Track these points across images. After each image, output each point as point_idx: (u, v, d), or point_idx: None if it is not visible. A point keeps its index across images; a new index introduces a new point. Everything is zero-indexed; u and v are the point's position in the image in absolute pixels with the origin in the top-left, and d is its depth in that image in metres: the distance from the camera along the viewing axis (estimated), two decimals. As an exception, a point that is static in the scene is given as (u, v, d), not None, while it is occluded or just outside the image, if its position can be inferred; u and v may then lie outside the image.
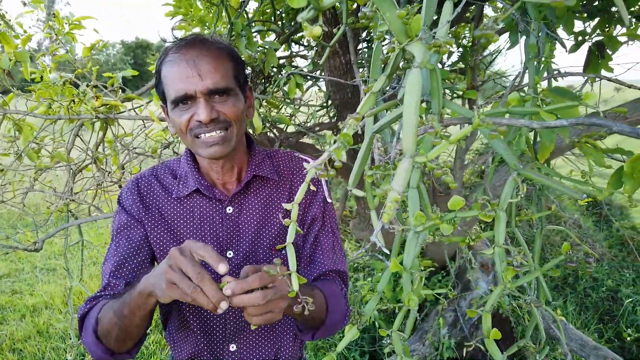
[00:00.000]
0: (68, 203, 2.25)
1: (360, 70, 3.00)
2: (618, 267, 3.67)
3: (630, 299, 3.20)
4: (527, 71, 1.01)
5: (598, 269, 3.62)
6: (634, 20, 1.43)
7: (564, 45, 1.27)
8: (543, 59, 1.04)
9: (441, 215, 0.62)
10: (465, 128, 0.50)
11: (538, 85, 0.88)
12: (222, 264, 0.78)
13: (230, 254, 1.10)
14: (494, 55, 2.79)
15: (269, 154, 1.19)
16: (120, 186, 2.66)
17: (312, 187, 0.73)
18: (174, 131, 1.06)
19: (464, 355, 2.64)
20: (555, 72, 1.10)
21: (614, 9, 1.35)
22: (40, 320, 3.45)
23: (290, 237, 0.63)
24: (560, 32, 1.27)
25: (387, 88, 0.86)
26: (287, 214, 1.15)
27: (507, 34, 1.50)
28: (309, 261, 1.14)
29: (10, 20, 2.26)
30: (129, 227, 1.10)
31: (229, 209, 1.10)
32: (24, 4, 2.36)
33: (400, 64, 0.68)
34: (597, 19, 1.44)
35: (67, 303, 2.30)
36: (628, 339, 2.82)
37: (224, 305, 0.78)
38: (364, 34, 2.32)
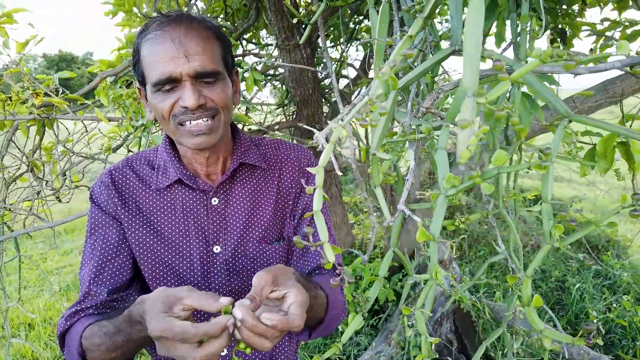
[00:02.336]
0: (3, 214, 2.02)
1: (320, 66, 2.97)
2: (562, 258, 3.84)
3: (577, 287, 3.35)
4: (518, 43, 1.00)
5: (545, 261, 3.77)
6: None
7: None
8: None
9: (481, 173, 0.57)
10: (528, 64, 0.46)
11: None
12: (221, 301, 0.69)
13: (217, 248, 1.00)
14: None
15: (255, 142, 1.10)
16: (57, 197, 2.44)
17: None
18: (152, 117, 0.95)
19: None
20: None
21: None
22: (-34, 351, 3.09)
23: (318, 204, 0.56)
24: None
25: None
26: (277, 205, 1.07)
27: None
28: (302, 253, 1.06)
29: None
30: (104, 225, 0.99)
31: (215, 200, 1.00)
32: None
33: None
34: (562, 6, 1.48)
35: (3, 327, 2.06)
36: (595, 321, 2.94)
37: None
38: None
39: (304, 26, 1.88)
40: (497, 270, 3.67)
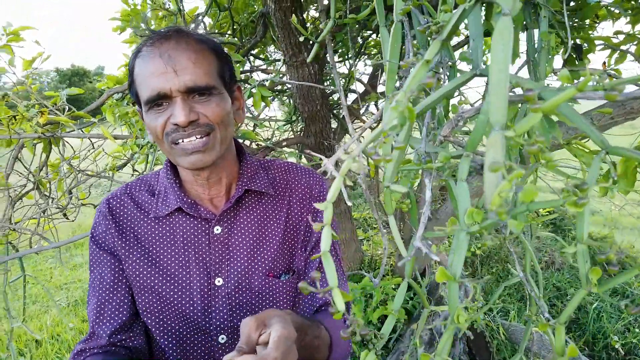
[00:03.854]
0: (7, 234, 1.99)
1: (326, 82, 2.93)
2: (578, 275, 3.74)
3: (594, 306, 3.25)
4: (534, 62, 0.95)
5: (560, 278, 3.67)
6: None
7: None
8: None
9: (508, 210, 0.52)
10: (562, 94, 0.41)
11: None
12: None
13: (219, 281, 0.94)
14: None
15: (263, 165, 1.04)
16: (64, 214, 2.42)
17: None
18: (152, 138, 0.90)
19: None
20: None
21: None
22: (-28, 370, 3.06)
23: (326, 244, 0.51)
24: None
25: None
26: (285, 234, 1.00)
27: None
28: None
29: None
30: (100, 263, 0.95)
31: (217, 229, 0.95)
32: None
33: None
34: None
35: (8, 347, 2.01)
36: (616, 345, 2.84)
37: None
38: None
39: (311, 42, 1.85)
40: (511, 287, 3.57)
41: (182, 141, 0.85)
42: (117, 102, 2.11)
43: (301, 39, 1.61)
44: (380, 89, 3.17)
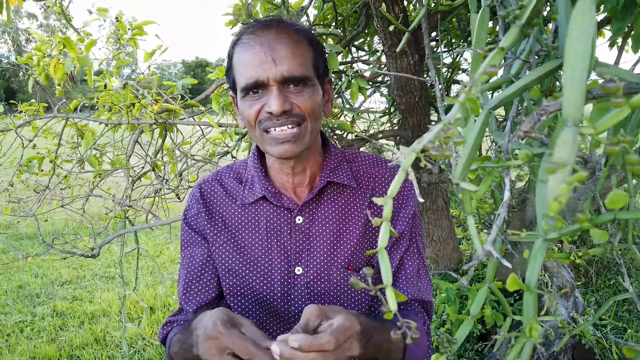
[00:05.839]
0: (126, 210, 2.21)
1: (429, 74, 2.84)
2: None
3: None
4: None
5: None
6: None
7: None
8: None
9: (592, 217, 0.46)
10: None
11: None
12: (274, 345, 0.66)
13: (299, 270, 0.96)
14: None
15: (348, 157, 1.04)
16: (177, 195, 2.63)
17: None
18: (243, 125, 0.94)
19: (542, 389, 2.37)
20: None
21: None
22: (98, 327, 3.47)
23: (384, 240, 0.49)
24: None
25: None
26: (366, 228, 0.98)
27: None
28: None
29: (78, 28, 2.28)
30: (192, 243, 1.02)
31: (299, 219, 0.96)
32: (90, 12, 2.36)
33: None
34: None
35: (121, 311, 2.25)
36: None
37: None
38: (433, 34, 2.17)
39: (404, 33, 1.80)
40: (631, 303, 3.20)
41: (275, 130, 0.87)
42: (224, 92, 2.23)
43: (391, 28, 1.56)
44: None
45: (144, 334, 2.34)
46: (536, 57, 0.54)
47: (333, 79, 2.26)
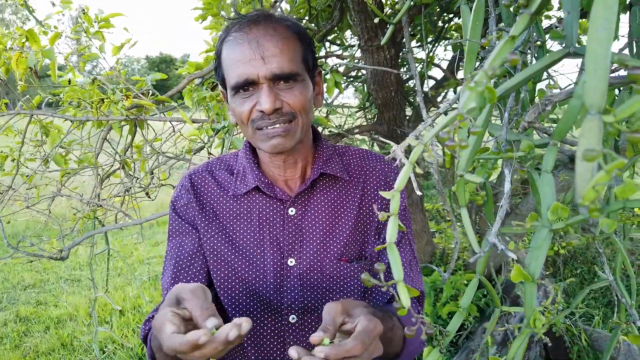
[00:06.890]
0: (95, 209, 2.14)
1: (403, 68, 2.85)
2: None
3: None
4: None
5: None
6: None
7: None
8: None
9: (600, 207, 0.46)
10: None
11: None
12: (207, 324, 0.62)
13: (291, 261, 0.95)
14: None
15: (338, 151, 1.05)
16: (147, 193, 2.55)
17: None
18: (234, 120, 0.94)
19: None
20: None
21: None
22: (65, 332, 3.35)
23: (392, 235, 0.48)
24: None
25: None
26: (358, 220, 0.99)
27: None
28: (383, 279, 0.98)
29: (40, 20, 2.18)
30: (182, 233, 0.99)
31: (292, 211, 0.97)
32: (53, 5, 2.26)
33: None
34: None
35: (91, 315, 2.17)
36: None
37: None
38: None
39: (388, 26, 1.80)
40: (596, 291, 3.32)
41: (267, 128, 0.88)
42: (196, 87, 2.17)
43: (376, 20, 1.56)
44: (461, 75, 3.03)
45: (116, 337, 2.26)
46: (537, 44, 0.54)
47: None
